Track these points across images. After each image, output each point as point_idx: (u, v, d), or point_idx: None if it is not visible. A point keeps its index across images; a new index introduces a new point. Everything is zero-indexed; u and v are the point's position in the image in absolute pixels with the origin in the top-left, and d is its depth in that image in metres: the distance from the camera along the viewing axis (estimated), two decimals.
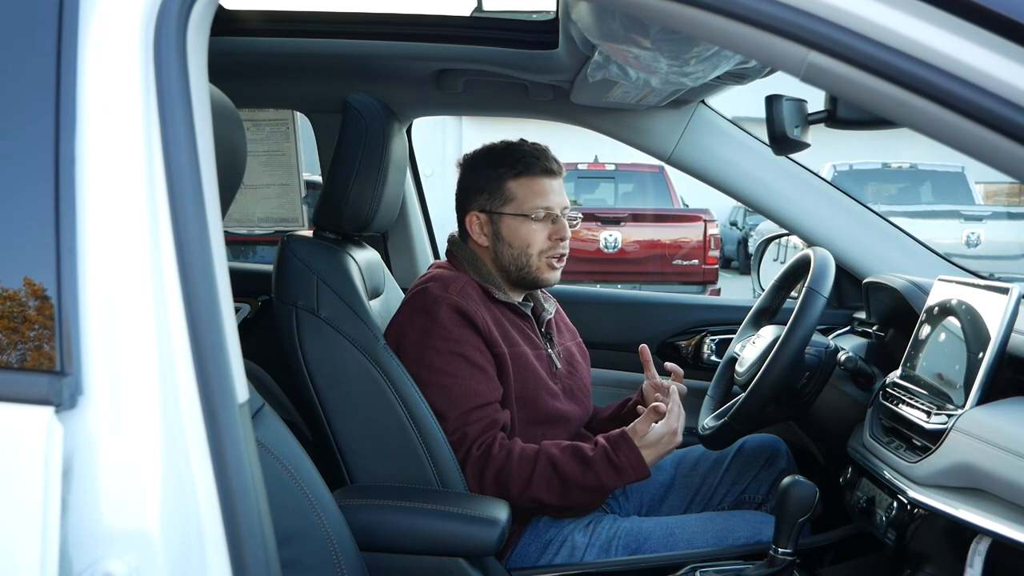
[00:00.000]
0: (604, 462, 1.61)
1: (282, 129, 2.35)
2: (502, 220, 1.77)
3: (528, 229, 1.76)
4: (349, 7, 1.97)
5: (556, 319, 1.94)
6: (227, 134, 1.00)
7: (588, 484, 1.61)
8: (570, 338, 1.96)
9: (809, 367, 1.69)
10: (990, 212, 8.96)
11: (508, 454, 1.61)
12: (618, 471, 1.60)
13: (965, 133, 0.77)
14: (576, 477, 1.60)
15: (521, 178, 1.76)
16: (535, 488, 1.60)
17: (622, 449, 1.61)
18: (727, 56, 1.54)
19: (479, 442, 1.62)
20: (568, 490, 1.61)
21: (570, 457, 1.62)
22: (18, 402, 0.79)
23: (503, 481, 1.61)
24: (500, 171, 1.77)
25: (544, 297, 1.92)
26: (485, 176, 1.79)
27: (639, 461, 1.61)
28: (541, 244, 1.76)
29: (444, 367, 1.65)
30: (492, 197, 1.78)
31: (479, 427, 1.63)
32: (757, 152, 2.15)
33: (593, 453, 1.62)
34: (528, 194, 1.76)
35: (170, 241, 0.83)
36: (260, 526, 0.84)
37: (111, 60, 0.84)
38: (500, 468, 1.61)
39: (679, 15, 0.82)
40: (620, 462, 1.60)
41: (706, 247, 7.58)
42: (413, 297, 1.74)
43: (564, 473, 1.60)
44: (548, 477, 1.60)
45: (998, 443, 1.18)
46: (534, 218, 1.75)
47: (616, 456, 1.61)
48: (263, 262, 3.38)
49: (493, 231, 1.78)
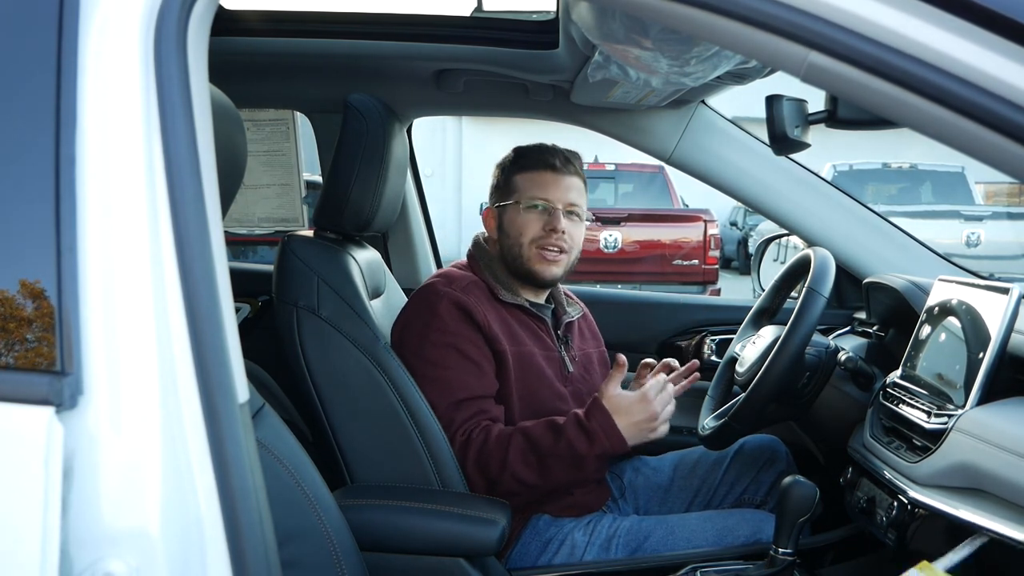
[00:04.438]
0: (575, 427, 1.60)
1: (282, 129, 2.35)
2: (505, 212, 1.83)
3: (524, 219, 1.79)
4: (349, 7, 1.97)
5: (581, 324, 1.96)
6: (227, 134, 1.00)
7: (561, 452, 1.59)
8: (594, 345, 1.98)
9: (809, 367, 1.69)
10: (990, 212, 8.96)
11: (486, 436, 1.62)
12: (589, 436, 1.59)
13: (965, 133, 0.77)
14: (549, 447, 1.59)
15: (525, 172, 1.83)
16: (513, 465, 1.59)
17: (593, 414, 1.61)
18: (727, 56, 1.54)
19: (463, 429, 1.63)
20: (545, 463, 1.60)
21: (543, 428, 1.62)
22: (19, 402, 0.79)
23: (483, 463, 1.61)
24: (511, 168, 1.85)
25: (569, 301, 1.94)
26: (502, 174, 1.87)
27: (611, 426, 1.59)
28: (533, 233, 1.78)
29: (438, 359, 1.66)
30: (502, 192, 1.85)
31: (464, 415, 1.64)
32: (757, 152, 2.15)
33: (564, 421, 1.62)
34: (528, 186, 1.81)
35: (170, 241, 0.83)
36: (260, 526, 0.84)
37: (111, 60, 0.84)
38: (479, 451, 1.61)
39: (679, 15, 0.82)
40: (591, 426, 1.59)
41: (706, 247, 7.58)
42: (419, 293, 1.78)
43: (537, 444, 1.60)
44: (523, 451, 1.60)
45: (998, 443, 1.18)
46: (529, 207, 1.79)
47: (587, 421, 1.60)
48: (263, 262, 3.38)
49: (498, 224, 1.84)
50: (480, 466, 1.61)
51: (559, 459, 1.60)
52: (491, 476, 1.61)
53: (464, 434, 1.63)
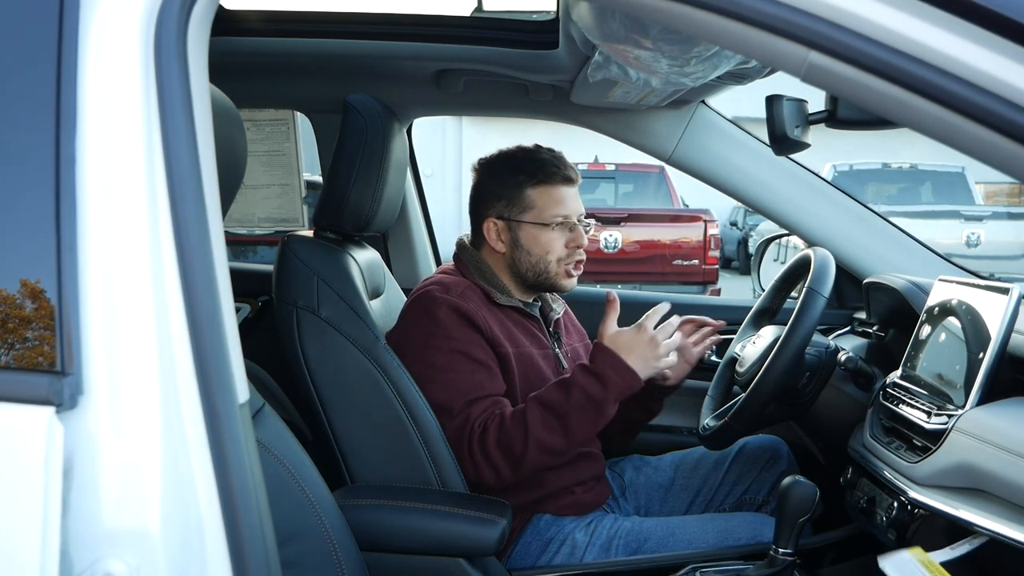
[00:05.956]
0: (583, 374, 1.60)
1: (282, 129, 2.35)
2: (521, 228, 1.78)
3: (548, 237, 1.77)
4: (349, 7, 1.98)
5: (565, 320, 1.95)
6: (227, 134, 1.00)
7: (579, 404, 1.58)
8: (578, 339, 1.97)
9: (809, 367, 1.69)
10: (990, 212, 8.96)
11: (501, 419, 1.61)
12: (600, 378, 1.58)
13: (965, 133, 0.77)
14: (563, 402, 1.58)
15: (541, 186, 1.78)
16: (535, 433, 1.58)
17: (596, 357, 1.61)
18: (727, 56, 1.54)
19: (479, 421, 1.62)
20: (565, 421, 1.59)
21: (553, 388, 1.62)
22: (19, 402, 0.79)
23: (506, 444, 1.59)
24: (520, 178, 1.78)
25: (552, 298, 1.93)
26: (504, 183, 1.80)
27: (618, 362, 1.59)
28: (560, 252, 1.77)
29: (447, 365, 1.65)
30: (511, 204, 1.79)
31: (479, 410, 1.63)
32: (757, 152, 2.14)
33: (571, 374, 1.62)
34: (548, 202, 1.77)
35: (170, 241, 0.83)
36: (260, 526, 0.84)
37: (111, 60, 0.84)
38: (498, 434, 1.60)
39: (679, 15, 0.82)
40: (599, 368, 1.59)
41: (706, 247, 7.58)
42: (414, 301, 1.75)
43: (553, 405, 1.59)
44: (542, 418, 1.59)
45: (998, 443, 1.18)
46: (553, 226, 1.76)
47: (594, 364, 1.60)
48: (263, 262, 3.38)
49: (511, 238, 1.79)
50: (503, 448, 1.59)
51: (579, 411, 1.59)
52: (515, 455, 1.59)
53: (480, 426, 1.62)
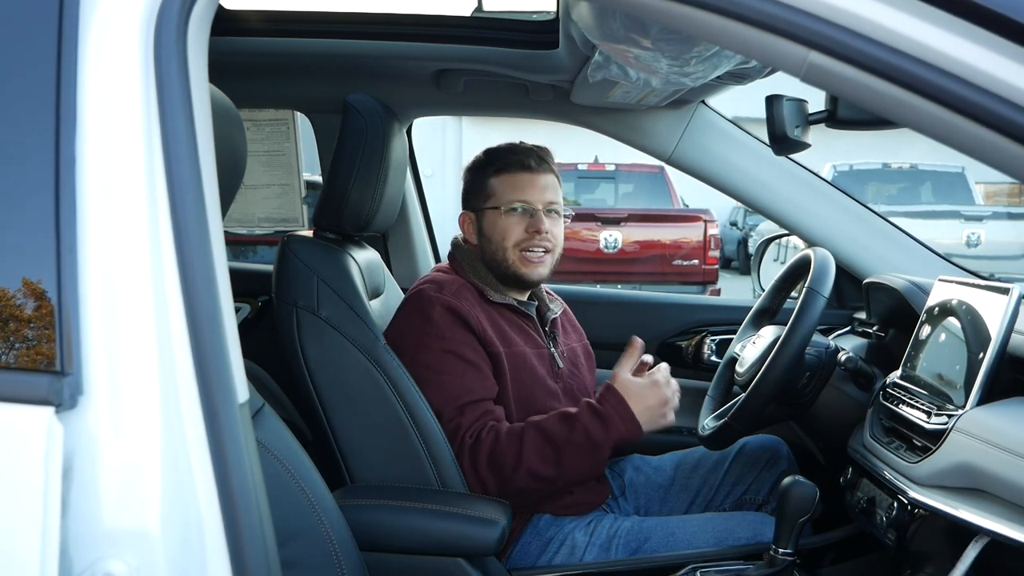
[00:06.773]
0: (589, 414, 1.60)
1: (282, 129, 2.35)
2: (484, 216, 1.82)
3: (505, 223, 1.79)
4: (349, 7, 1.98)
5: (563, 319, 1.95)
6: (227, 134, 1.00)
7: (578, 441, 1.59)
8: (577, 339, 1.97)
9: (809, 367, 1.69)
10: (990, 212, 8.96)
11: (496, 435, 1.61)
12: (604, 421, 1.59)
13: (965, 133, 0.77)
14: (564, 436, 1.59)
15: (501, 174, 1.82)
16: (528, 460, 1.58)
17: (606, 399, 1.62)
18: (727, 56, 1.54)
19: (471, 431, 1.63)
20: (561, 454, 1.59)
21: (556, 420, 1.62)
22: (18, 402, 0.79)
23: (496, 462, 1.60)
24: (486, 170, 1.84)
25: (550, 298, 1.94)
26: (474, 178, 1.86)
27: (625, 409, 1.60)
28: (516, 237, 1.78)
29: (438, 365, 1.66)
30: (478, 196, 1.84)
31: (471, 418, 1.64)
32: (757, 152, 2.14)
33: (578, 409, 1.62)
34: (505, 189, 1.80)
35: (170, 241, 0.83)
36: (260, 526, 0.84)
37: (111, 60, 0.84)
38: (491, 451, 1.60)
39: (679, 15, 0.82)
40: (605, 411, 1.60)
41: (706, 247, 7.58)
42: (409, 299, 1.77)
43: (552, 436, 1.60)
44: (538, 445, 1.59)
45: (998, 443, 1.18)
46: (509, 211, 1.78)
47: (601, 405, 1.61)
48: (263, 262, 3.38)
49: (478, 229, 1.83)
50: (493, 466, 1.60)
51: (575, 449, 1.59)
52: (505, 475, 1.60)
53: (472, 436, 1.62)
